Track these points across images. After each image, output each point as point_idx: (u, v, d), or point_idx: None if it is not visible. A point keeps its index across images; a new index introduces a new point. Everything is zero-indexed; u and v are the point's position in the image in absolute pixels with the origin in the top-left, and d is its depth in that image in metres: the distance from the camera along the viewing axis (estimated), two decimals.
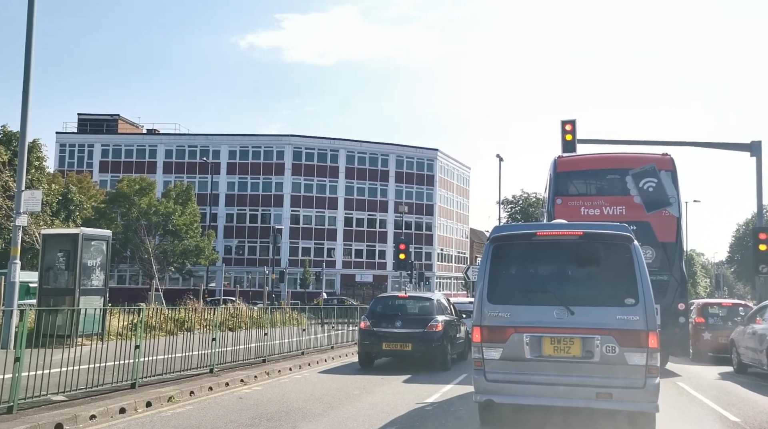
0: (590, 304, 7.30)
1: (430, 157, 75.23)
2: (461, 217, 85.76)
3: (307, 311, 25.78)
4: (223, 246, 68.33)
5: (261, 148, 69.46)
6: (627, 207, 13.97)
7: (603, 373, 7.03)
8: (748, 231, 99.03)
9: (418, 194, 74.24)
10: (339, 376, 13.45)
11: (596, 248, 7.61)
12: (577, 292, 7.49)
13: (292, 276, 65.75)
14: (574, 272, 7.81)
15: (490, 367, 7.39)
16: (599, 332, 7.07)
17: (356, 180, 71.23)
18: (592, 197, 14.46)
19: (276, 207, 68.86)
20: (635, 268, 7.25)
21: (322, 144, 70.53)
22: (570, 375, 7.15)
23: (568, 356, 7.16)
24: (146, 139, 70.56)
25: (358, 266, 70.24)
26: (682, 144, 25.48)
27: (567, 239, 7.81)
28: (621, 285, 7.32)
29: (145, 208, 52.76)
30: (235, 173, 69.04)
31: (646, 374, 6.95)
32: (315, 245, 69.30)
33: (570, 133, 23.03)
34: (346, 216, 70.11)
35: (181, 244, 53.69)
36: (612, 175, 14.58)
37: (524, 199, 66.51)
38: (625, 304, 7.16)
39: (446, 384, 12.06)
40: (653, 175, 14.12)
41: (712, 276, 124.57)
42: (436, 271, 74.67)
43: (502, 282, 7.71)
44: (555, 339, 7.20)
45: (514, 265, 7.96)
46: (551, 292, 7.49)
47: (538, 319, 7.30)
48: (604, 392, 7.01)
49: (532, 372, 7.26)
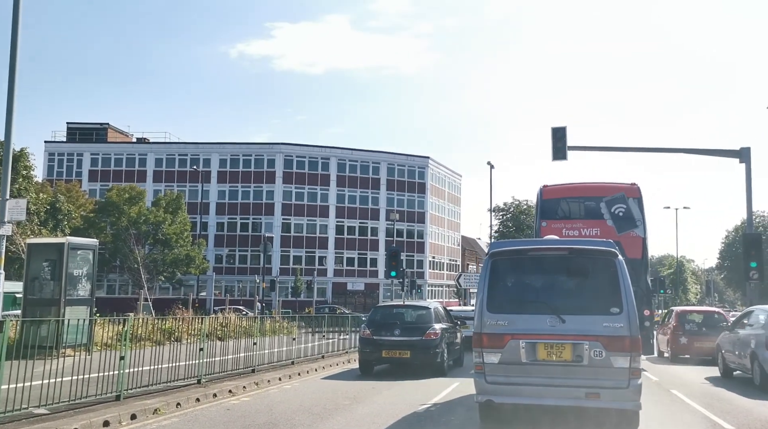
0: (579, 313, 7.90)
1: (421, 164, 75.25)
2: (453, 225, 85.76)
3: (297, 320, 25.58)
4: (213, 255, 67.95)
5: (252, 156, 69.25)
6: (601, 229, 15.88)
7: (591, 375, 7.68)
8: (738, 237, 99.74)
9: (410, 202, 74.18)
10: (330, 386, 13.27)
11: (584, 262, 8.32)
12: (567, 302, 8.09)
13: (283, 285, 65.45)
14: (565, 284, 8.50)
15: (489, 371, 8.03)
16: (587, 338, 7.71)
17: (347, 188, 71.13)
18: (572, 220, 16.67)
19: (267, 215, 68.62)
20: (619, 280, 7.89)
21: (313, 152, 70.41)
22: (562, 377, 7.79)
23: (560, 360, 7.80)
24: (136, 148, 70.23)
25: (349, 274, 70.03)
26: (672, 151, 25.53)
27: (558, 254, 8.51)
28: (607, 295, 7.94)
29: (135, 217, 52.41)
30: (225, 182, 68.77)
31: (630, 376, 7.61)
32: (306, 254, 69.04)
33: (560, 140, 23.08)
34: (337, 224, 69.93)
35: (171, 254, 53.34)
36: (588, 202, 16.76)
37: (515, 206, 66.59)
38: (610, 313, 7.79)
39: (438, 393, 11.96)
40: (623, 202, 16.35)
41: (702, 282, 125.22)
42: (428, 278, 74.53)
43: (500, 293, 8.36)
44: (548, 345, 7.84)
45: (510, 277, 8.60)
46: (544, 302, 8.11)
47: (533, 327, 7.93)
48: (593, 392, 7.65)
49: (527, 375, 7.89)
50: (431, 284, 76.13)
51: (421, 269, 73.78)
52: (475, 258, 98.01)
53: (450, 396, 11.66)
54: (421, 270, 73.49)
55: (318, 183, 70.01)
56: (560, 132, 23.08)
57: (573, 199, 17.18)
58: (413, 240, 74.08)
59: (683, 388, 13.12)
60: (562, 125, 23.20)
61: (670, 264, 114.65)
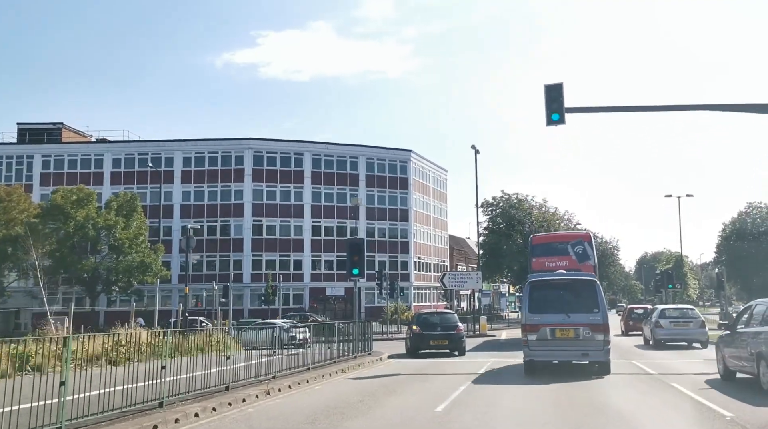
0: (577, 312, 15.60)
1: (402, 158, 70.08)
2: (439, 223, 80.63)
3: (240, 333, 20.34)
4: (178, 262, 62.34)
5: (218, 153, 63.78)
6: (568, 261, 21.89)
7: (584, 344, 15.38)
8: (735, 230, 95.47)
9: (392, 199, 68.96)
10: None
11: (580, 285, 16.45)
12: (571, 306, 15.80)
13: (255, 291, 60.13)
14: (570, 297, 16.16)
15: (530, 344, 15.71)
16: (582, 325, 15.38)
17: (323, 185, 65.75)
18: (550, 257, 22.64)
19: (236, 217, 63.17)
20: (597, 294, 15.89)
21: (285, 147, 65.02)
22: (568, 346, 15.53)
23: (568, 337, 15.48)
24: (91, 148, 64.58)
25: (328, 279, 64.56)
26: (684, 108, 21.00)
27: (567, 281, 16.90)
28: (591, 302, 15.73)
29: (83, 222, 46.91)
30: (190, 182, 63.22)
31: (604, 344, 15.33)
32: (281, 257, 63.62)
33: (556, 101, 18.19)
34: (313, 224, 64.38)
35: (124, 261, 47.82)
36: (560, 244, 23.64)
37: (505, 200, 61.69)
38: (593, 312, 15.56)
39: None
40: (581, 244, 23.04)
41: (700, 278, 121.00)
42: (413, 281, 69.32)
43: (535, 302, 16.08)
44: (561, 329, 15.51)
45: (541, 293, 16.32)
46: (559, 306, 15.90)
47: (553, 320, 15.62)
48: (585, 353, 15.56)
49: (550, 345, 15.59)
50: (417, 287, 70.90)
51: (406, 271, 68.59)
52: (465, 258, 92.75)
53: None
54: (405, 271, 68.33)
55: (291, 180, 64.57)
56: (555, 91, 18.23)
57: (551, 243, 24.35)
58: (396, 239, 68.88)
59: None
60: (557, 82, 18.39)
61: (667, 259, 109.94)
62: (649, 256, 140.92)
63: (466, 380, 15.14)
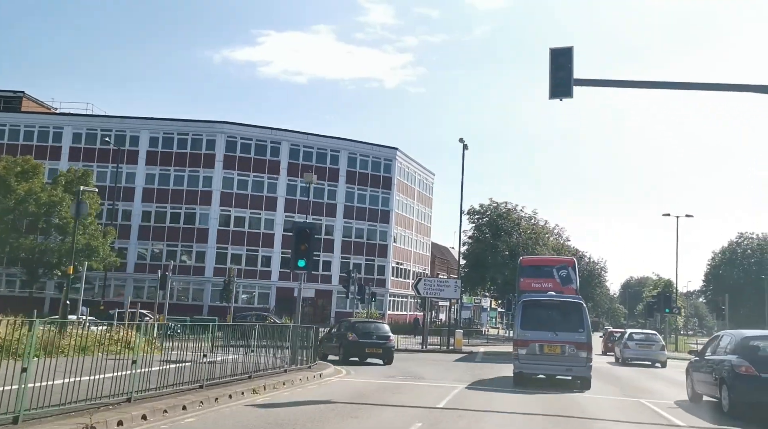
0: (564, 330, 16.67)
1: (387, 156, 65.63)
2: (422, 228, 76.24)
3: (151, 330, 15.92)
4: (136, 250, 57.50)
5: (188, 135, 58.90)
6: (553, 284, 24.89)
7: (569, 360, 16.44)
8: (725, 259, 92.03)
9: (372, 198, 64.45)
10: None
11: (568, 306, 17.54)
12: (559, 325, 16.85)
13: (217, 287, 55.16)
14: (558, 316, 17.28)
15: (520, 357, 16.76)
16: (568, 343, 16.49)
17: (300, 178, 61.12)
18: (536, 278, 25.67)
19: (203, 205, 58.27)
20: (583, 315, 16.94)
21: (262, 134, 60.30)
22: (555, 362, 16.69)
23: (555, 353, 16.58)
24: (51, 120, 59.49)
25: (297, 279, 59.71)
26: (694, 86, 17.40)
27: (556, 302, 18.43)
28: (577, 322, 16.78)
29: (24, 196, 42.06)
30: (155, 164, 58.26)
31: (587, 361, 16.41)
32: (248, 252, 58.86)
33: (563, 68, 14.38)
34: (286, 219, 59.50)
35: (67, 243, 42.93)
36: (546, 268, 26.76)
37: (493, 209, 57.60)
38: (578, 331, 16.64)
39: None
40: (565, 269, 26.11)
41: (687, 305, 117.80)
42: (389, 287, 64.77)
43: (527, 319, 17.12)
44: (549, 345, 16.65)
45: (532, 312, 17.39)
46: (548, 324, 16.93)
47: (542, 337, 16.67)
48: (569, 368, 16.71)
49: (539, 360, 16.69)
50: (394, 294, 66.38)
51: (383, 276, 64.08)
52: (447, 268, 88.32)
53: None
54: (382, 277, 63.82)
55: (266, 170, 59.83)
56: (564, 56, 14.46)
57: (538, 267, 27.30)
58: (375, 242, 64.35)
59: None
60: (567, 46, 14.49)
61: (655, 284, 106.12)
62: (634, 281, 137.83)
63: (420, 419, 11.00)
